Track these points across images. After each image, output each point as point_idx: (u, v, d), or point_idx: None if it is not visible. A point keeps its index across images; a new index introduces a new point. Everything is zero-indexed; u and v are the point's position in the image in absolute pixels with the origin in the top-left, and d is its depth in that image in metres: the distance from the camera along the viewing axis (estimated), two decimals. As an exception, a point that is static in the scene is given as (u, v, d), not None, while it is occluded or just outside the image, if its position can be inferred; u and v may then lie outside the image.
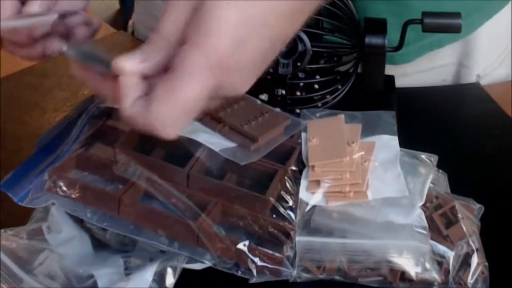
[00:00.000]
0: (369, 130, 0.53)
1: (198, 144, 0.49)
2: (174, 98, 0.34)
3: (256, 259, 0.44)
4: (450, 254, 0.46)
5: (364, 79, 0.64)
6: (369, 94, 0.64)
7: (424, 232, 0.46)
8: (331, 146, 0.51)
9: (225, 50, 0.34)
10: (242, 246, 0.44)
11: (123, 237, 0.47)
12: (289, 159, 0.50)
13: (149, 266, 0.44)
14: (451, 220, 0.49)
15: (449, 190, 0.54)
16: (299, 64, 0.61)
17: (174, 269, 0.45)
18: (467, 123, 0.69)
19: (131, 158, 0.48)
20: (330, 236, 0.46)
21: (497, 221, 0.53)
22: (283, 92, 0.62)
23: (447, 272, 0.46)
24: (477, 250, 0.47)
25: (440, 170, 0.55)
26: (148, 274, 0.44)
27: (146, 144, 0.51)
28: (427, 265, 0.45)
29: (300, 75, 0.63)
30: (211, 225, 0.44)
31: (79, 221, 0.47)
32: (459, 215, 0.49)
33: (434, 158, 0.53)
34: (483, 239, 0.49)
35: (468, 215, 0.50)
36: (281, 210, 0.46)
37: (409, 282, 0.45)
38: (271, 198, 0.46)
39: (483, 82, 0.76)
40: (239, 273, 0.45)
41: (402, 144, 0.53)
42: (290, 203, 0.47)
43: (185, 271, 0.46)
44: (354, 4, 0.65)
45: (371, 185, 0.48)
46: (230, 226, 0.45)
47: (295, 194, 0.48)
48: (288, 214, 0.46)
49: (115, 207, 0.46)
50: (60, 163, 0.50)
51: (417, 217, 0.47)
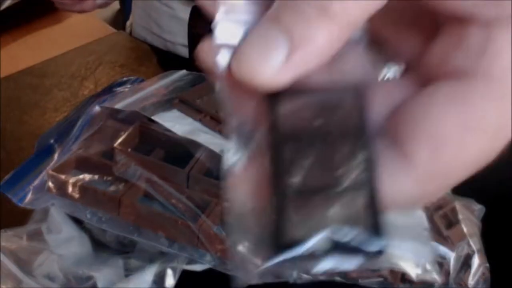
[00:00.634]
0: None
1: (198, 145, 0.49)
2: None
3: (256, 260, 0.44)
4: (451, 255, 0.46)
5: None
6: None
7: (425, 233, 0.46)
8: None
9: None
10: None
11: (123, 238, 0.47)
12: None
13: (149, 267, 0.44)
14: (452, 221, 0.49)
15: (450, 191, 0.54)
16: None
17: (174, 270, 0.45)
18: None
19: (131, 159, 0.48)
20: (331, 237, 0.46)
21: (498, 222, 0.53)
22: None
23: (448, 273, 0.46)
24: (478, 251, 0.47)
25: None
26: (148, 275, 0.44)
27: (146, 145, 0.51)
28: (428, 266, 0.45)
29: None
30: (211, 226, 0.44)
31: (79, 222, 0.47)
32: (460, 216, 0.49)
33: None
34: (484, 240, 0.49)
35: (469, 216, 0.50)
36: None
37: (410, 283, 0.45)
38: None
39: None
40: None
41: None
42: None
43: (185, 272, 0.46)
44: None
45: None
46: (230, 227, 0.45)
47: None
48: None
49: (115, 208, 0.46)
50: (60, 164, 0.49)
51: (418, 218, 0.47)
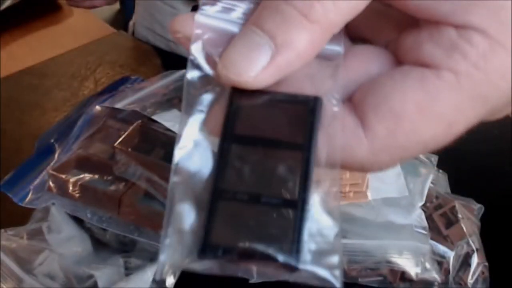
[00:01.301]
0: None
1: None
2: None
3: (256, 259, 0.44)
4: (450, 254, 0.47)
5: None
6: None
7: (424, 232, 0.46)
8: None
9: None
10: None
11: (123, 237, 0.47)
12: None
13: (149, 266, 0.44)
14: (451, 220, 0.49)
15: (449, 190, 0.54)
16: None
17: (174, 269, 0.45)
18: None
19: (131, 158, 0.48)
20: (330, 236, 0.46)
21: (497, 221, 0.53)
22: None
23: (447, 272, 0.46)
24: (477, 250, 0.47)
25: (440, 170, 0.55)
26: (148, 274, 0.44)
27: (146, 144, 0.51)
28: (427, 265, 0.45)
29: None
30: (211, 225, 0.44)
31: (79, 221, 0.47)
32: (459, 215, 0.49)
33: (434, 158, 0.53)
34: (483, 239, 0.49)
35: (468, 215, 0.50)
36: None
37: (409, 282, 0.45)
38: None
39: None
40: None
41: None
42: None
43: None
44: None
45: (371, 185, 0.48)
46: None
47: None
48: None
49: (115, 207, 0.46)
50: (60, 163, 0.50)
51: (417, 217, 0.47)
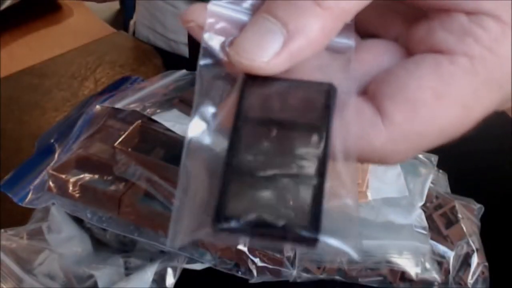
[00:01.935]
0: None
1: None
2: None
3: (256, 260, 0.44)
4: (450, 254, 0.47)
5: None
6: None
7: (424, 232, 0.46)
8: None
9: None
10: (242, 247, 0.44)
11: (123, 237, 0.47)
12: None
13: (149, 266, 0.44)
14: (451, 220, 0.49)
15: (449, 190, 0.54)
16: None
17: (174, 269, 0.45)
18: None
19: (131, 158, 0.48)
20: (330, 236, 0.46)
21: (497, 221, 0.53)
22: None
23: (447, 272, 0.46)
24: (477, 250, 0.47)
25: (440, 170, 0.55)
26: (148, 274, 0.44)
27: (146, 144, 0.51)
28: (427, 265, 0.45)
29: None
30: (211, 225, 0.44)
31: (79, 221, 0.47)
32: (459, 215, 0.49)
33: (434, 158, 0.53)
34: (483, 239, 0.49)
35: (468, 215, 0.50)
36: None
37: (409, 282, 0.45)
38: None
39: None
40: (239, 274, 0.45)
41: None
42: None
43: (185, 271, 0.46)
44: None
45: (371, 185, 0.48)
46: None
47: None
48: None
49: (115, 207, 0.46)
50: (60, 163, 0.50)
51: (417, 217, 0.47)
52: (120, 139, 0.50)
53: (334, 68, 0.22)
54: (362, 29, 0.25)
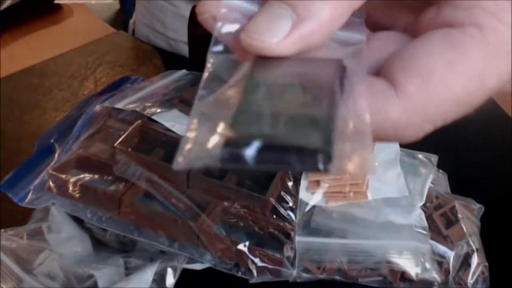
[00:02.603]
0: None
1: (198, 144, 0.49)
2: None
3: (256, 260, 0.44)
4: (450, 254, 0.47)
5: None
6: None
7: (424, 232, 0.46)
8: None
9: None
10: (242, 247, 0.44)
11: (123, 237, 0.47)
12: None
13: (149, 266, 0.44)
14: (451, 220, 0.49)
15: (449, 190, 0.54)
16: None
17: (174, 269, 0.45)
18: (467, 123, 0.69)
19: (131, 158, 0.48)
20: (330, 236, 0.46)
21: (497, 221, 0.53)
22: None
23: (447, 272, 0.46)
24: (477, 250, 0.47)
25: (440, 170, 0.55)
26: (148, 274, 0.44)
27: (146, 144, 0.51)
28: (427, 265, 0.45)
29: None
30: (211, 226, 0.44)
31: (79, 221, 0.47)
32: (459, 215, 0.49)
33: (434, 158, 0.53)
34: (483, 239, 0.49)
35: (468, 215, 0.50)
36: (281, 211, 0.46)
37: (409, 282, 0.45)
38: (271, 199, 0.46)
39: None
40: (239, 274, 0.45)
41: (402, 144, 0.53)
42: (290, 204, 0.47)
43: (185, 271, 0.46)
44: None
45: (371, 185, 0.48)
46: (230, 227, 0.45)
47: (295, 195, 0.48)
48: (288, 215, 0.46)
49: (115, 207, 0.46)
50: (60, 163, 0.50)
51: (417, 217, 0.47)
52: (120, 139, 0.50)
53: (346, 56, 0.23)
54: (371, 23, 0.25)
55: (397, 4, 0.25)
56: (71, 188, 0.47)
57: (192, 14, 0.82)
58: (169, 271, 0.45)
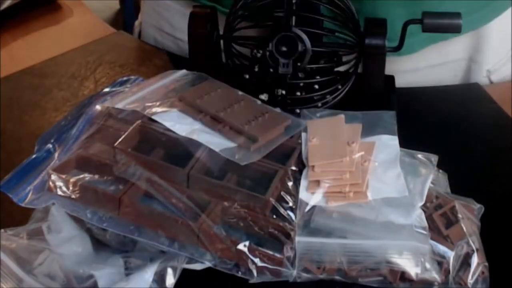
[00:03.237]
0: (369, 130, 0.53)
1: (198, 144, 0.49)
2: None
3: (256, 260, 0.44)
4: (450, 254, 0.46)
5: (364, 79, 0.64)
6: (369, 94, 0.64)
7: (424, 232, 0.46)
8: (331, 146, 0.51)
9: None
10: (242, 247, 0.44)
11: (123, 237, 0.47)
12: (289, 159, 0.50)
13: (149, 266, 0.44)
14: (451, 220, 0.49)
15: (449, 190, 0.54)
16: (299, 64, 0.61)
17: (174, 269, 0.45)
18: (467, 123, 0.69)
19: (131, 158, 0.48)
20: (330, 237, 0.46)
21: (497, 221, 0.53)
22: (283, 92, 0.62)
23: (447, 272, 0.46)
24: (477, 250, 0.47)
25: (440, 170, 0.55)
26: (148, 274, 0.44)
27: (146, 144, 0.51)
28: (427, 265, 0.45)
29: (300, 75, 0.63)
30: (211, 226, 0.44)
31: (79, 221, 0.47)
32: (459, 215, 0.49)
33: (434, 158, 0.53)
34: (483, 239, 0.49)
35: (468, 215, 0.50)
36: (281, 211, 0.46)
37: (409, 282, 0.45)
38: (271, 199, 0.46)
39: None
40: (239, 274, 0.45)
41: (402, 144, 0.53)
42: (290, 204, 0.47)
43: (185, 272, 0.46)
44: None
45: (371, 185, 0.48)
46: (230, 227, 0.45)
47: (295, 195, 0.48)
48: (288, 215, 0.46)
49: (115, 208, 0.46)
50: (60, 163, 0.50)
51: (417, 217, 0.47)
52: (120, 139, 0.50)
53: None
54: None
55: None
56: (71, 188, 0.47)
57: (192, 14, 0.82)
58: (169, 271, 0.45)
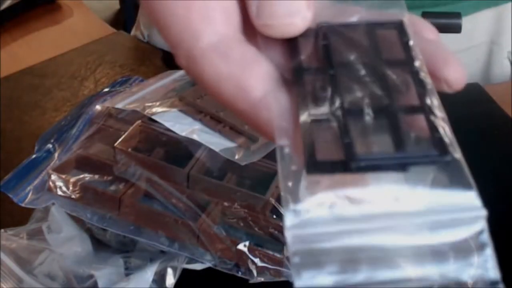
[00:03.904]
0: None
1: (198, 144, 0.49)
2: None
3: (256, 260, 0.44)
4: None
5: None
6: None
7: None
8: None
9: None
10: (242, 247, 0.44)
11: (123, 237, 0.47)
12: (289, 159, 0.50)
13: (149, 266, 0.44)
14: (451, 220, 0.49)
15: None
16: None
17: (174, 270, 0.45)
18: (467, 123, 0.69)
19: (131, 158, 0.48)
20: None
21: (497, 221, 0.53)
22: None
23: (447, 272, 0.46)
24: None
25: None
26: (148, 274, 0.44)
27: (146, 144, 0.51)
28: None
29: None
30: (211, 226, 0.44)
31: (79, 221, 0.47)
32: (459, 215, 0.49)
33: (434, 158, 0.53)
34: (483, 239, 0.49)
35: (468, 215, 0.50)
36: (281, 211, 0.46)
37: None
38: (271, 199, 0.46)
39: None
40: (239, 274, 0.45)
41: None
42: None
43: (185, 272, 0.46)
44: None
45: (371, 185, 0.48)
46: (230, 227, 0.45)
47: (295, 194, 0.48)
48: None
49: (115, 208, 0.46)
50: (60, 163, 0.50)
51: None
52: (120, 139, 0.50)
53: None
54: None
55: None
56: (71, 188, 0.47)
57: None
58: (169, 271, 0.45)
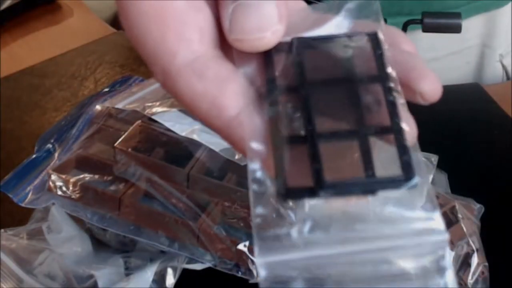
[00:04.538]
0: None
1: (198, 144, 0.49)
2: None
3: (256, 259, 0.44)
4: (450, 254, 0.47)
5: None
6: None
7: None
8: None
9: None
10: (242, 247, 0.44)
11: (123, 237, 0.47)
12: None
13: (149, 266, 0.44)
14: (451, 220, 0.49)
15: (449, 190, 0.54)
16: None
17: (174, 269, 0.45)
18: (467, 123, 0.69)
19: (131, 158, 0.48)
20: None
21: (497, 221, 0.53)
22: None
23: (447, 272, 0.46)
24: (477, 250, 0.47)
25: (441, 170, 0.55)
26: (148, 274, 0.44)
27: (146, 144, 0.51)
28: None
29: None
30: (211, 226, 0.44)
31: (79, 221, 0.47)
32: (459, 215, 0.49)
33: (434, 158, 0.53)
34: (483, 239, 0.49)
35: (468, 215, 0.50)
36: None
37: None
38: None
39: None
40: (239, 274, 0.45)
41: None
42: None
43: (185, 271, 0.46)
44: None
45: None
46: (230, 227, 0.45)
47: (295, 194, 0.48)
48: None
49: (115, 208, 0.46)
50: (60, 163, 0.50)
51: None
52: (120, 139, 0.50)
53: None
54: None
55: None
56: (71, 188, 0.47)
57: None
58: (169, 271, 0.45)
